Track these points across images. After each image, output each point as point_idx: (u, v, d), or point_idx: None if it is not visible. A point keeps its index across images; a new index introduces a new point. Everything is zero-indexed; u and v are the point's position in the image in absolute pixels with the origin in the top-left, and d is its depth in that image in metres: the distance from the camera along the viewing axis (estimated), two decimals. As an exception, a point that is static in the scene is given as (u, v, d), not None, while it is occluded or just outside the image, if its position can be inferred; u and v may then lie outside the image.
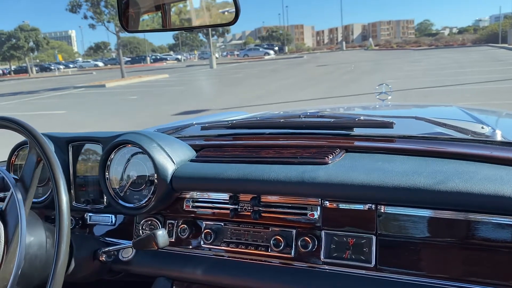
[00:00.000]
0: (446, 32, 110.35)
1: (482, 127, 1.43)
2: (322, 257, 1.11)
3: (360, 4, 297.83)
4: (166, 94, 15.51)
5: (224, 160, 1.30)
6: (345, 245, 1.09)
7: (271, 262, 1.17)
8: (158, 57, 72.11)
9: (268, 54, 53.81)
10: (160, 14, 1.35)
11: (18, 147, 1.52)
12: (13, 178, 1.05)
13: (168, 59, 67.57)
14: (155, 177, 1.27)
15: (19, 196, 0.99)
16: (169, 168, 1.28)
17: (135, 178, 1.33)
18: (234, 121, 1.52)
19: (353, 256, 1.07)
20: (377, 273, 1.05)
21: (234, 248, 1.22)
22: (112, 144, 1.34)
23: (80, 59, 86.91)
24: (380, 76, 15.61)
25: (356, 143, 1.28)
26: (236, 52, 68.81)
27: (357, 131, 1.36)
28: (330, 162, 1.17)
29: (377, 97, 2.35)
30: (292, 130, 1.46)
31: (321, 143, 1.31)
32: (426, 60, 25.36)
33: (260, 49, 56.71)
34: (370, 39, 63.74)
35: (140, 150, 1.31)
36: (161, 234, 1.11)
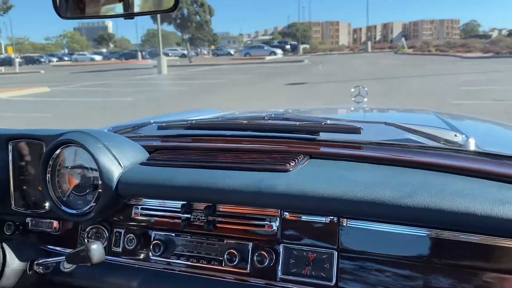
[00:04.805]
0: (495, 33, 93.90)
1: (456, 135, 1.33)
2: (279, 273, 1.04)
3: (401, 1, 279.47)
4: None
5: (178, 164, 1.22)
6: (304, 260, 1.03)
7: (225, 278, 1.10)
8: (163, 52, 63.60)
9: (275, 53, 44.06)
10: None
11: None
12: None
13: (170, 54, 58.77)
14: (99, 182, 1.18)
15: None
16: (115, 171, 1.18)
17: (79, 181, 1.24)
18: (194, 121, 1.43)
19: (313, 273, 1.02)
20: None
21: (184, 261, 1.14)
22: (54, 143, 1.24)
23: (105, 51, 79.63)
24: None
25: (321, 149, 1.23)
26: (231, 50, 58.69)
27: (323, 135, 1.29)
28: (291, 169, 1.11)
29: (353, 99, 2.29)
30: (255, 132, 1.37)
31: (284, 148, 1.25)
32: (490, 84, 12.46)
33: (265, 48, 46.80)
34: (403, 40, 51.38)
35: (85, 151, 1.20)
36: (96, 248, 1.03)
